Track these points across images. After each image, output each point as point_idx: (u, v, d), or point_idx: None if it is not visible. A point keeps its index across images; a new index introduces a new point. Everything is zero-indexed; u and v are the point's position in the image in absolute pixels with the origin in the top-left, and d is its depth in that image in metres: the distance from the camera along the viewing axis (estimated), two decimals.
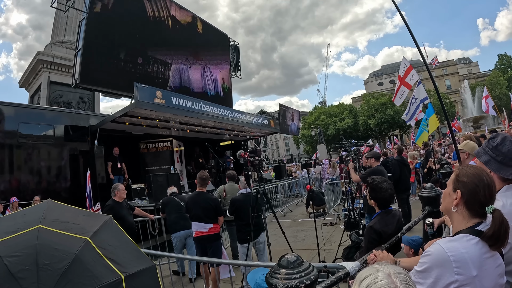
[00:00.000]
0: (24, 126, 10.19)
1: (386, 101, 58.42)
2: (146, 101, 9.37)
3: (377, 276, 1.11)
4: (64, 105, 16.59)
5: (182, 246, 7.01)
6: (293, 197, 18.85)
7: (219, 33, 20.64)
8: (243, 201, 6.03)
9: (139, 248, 1.72)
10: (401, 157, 9.02)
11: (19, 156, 10.17)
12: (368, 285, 1.09)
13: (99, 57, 11.86)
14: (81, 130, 11.33)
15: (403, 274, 1.13)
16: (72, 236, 1.43)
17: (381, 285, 1.07)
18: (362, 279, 1.13)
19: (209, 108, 12.05)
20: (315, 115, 65.09)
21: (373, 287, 1.08)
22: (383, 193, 3.29)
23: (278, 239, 7.61)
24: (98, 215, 1.80)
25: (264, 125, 16.44)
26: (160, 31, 14.97)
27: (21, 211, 1.70)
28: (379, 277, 1.11)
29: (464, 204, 1.68)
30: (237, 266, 6.11)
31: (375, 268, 1.16)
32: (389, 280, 1.09)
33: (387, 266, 1.16)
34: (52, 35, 19.73)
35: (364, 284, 1.11)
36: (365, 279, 1.12)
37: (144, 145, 14.05)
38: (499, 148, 2.04)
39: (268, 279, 1.52)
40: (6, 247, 1.35)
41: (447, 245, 1.59)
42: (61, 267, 1.30)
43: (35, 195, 9.31)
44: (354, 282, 1.17)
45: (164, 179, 10.09)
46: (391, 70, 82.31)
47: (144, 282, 1.52)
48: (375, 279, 1.10)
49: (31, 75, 18.51)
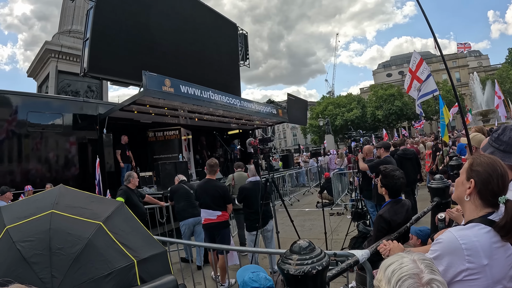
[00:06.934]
0: (33, 115, 10.22)
1: (395, 92, 58.08)
2: (154, 89, 9.34)
3: (402, 262, 1.15)
4: (72, 94, 16.59)
5: (191, 234, 7.08)
6: (300, 186, 18.87)
7: (227, 22, 20.50)
8: (251, 189, 6.05)
9: (151, 233, 1.73)
10: (403, 150, 8.97)
11: (29, 145, 10.21)
12: (393, 271, 1.13)
13: (107, 45, 11.81)
14: (90, 118, 11.36)
15: (427, 260, 1.16)
16: (85, 221, 1.44)
17: (407, 269, 1.11)
18: (387, 266, 1.17)
19: (217, 96, 12.01)
20: (323, 105, 64.85)
21: (399, 272, 1.11)
22: (395, 180, 3.29)
23: (285, 227, 7.63)
24: (110, 201, 1.81)
25: (272, 114, 16.33)
26: (169, 19, 14.90)
27: (33, 197, 1.71)
28: (404, 262, 1.14)
29: (477, 193, 1.67)
30: (244, 254, 6.14)
31: (400, 255, 1.19)
32: (414, 265, 1.12)
33: (411, 253, 1.20)
34: (60, 24, 19.74)
35: (389, 270, 1.14)
36: (390, 265, 1.15)
37: (152, 134, 14.05)
38: (501, 137, 2.09)
39: (280, 265, 1.53)
40: (19, 232, 1.35)
41: (459, 233, 1.59)
42: (74, 251, 1.30)
43: (45, 183, 9.37)
44: (379, 270, 1.20)
45: (172, 167, 10.12)
46: (400, 61, 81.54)
47: (155, 266, 1.53)
48: (400, 265, 1.13)
49: (39, 64, 18.54)
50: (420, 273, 1.09)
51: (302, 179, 19.76)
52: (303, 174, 19.88)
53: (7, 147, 9.78)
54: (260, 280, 2.05)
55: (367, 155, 7.52)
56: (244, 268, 2.30)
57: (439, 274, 1.13)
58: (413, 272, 1.09)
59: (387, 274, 1.13)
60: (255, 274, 2.10)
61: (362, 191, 7.70)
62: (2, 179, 9.31)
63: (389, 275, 1.13)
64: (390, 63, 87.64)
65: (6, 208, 1.58)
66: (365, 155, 7.50)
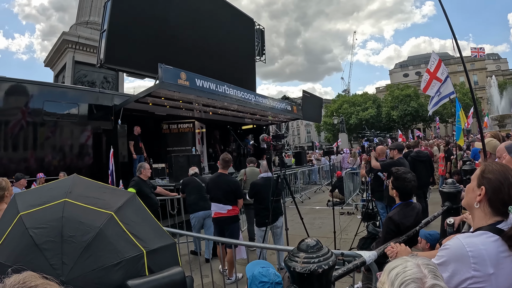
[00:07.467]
0: (49, 104, 10.36)
1: (411, 93, 57.37)
2: (170, 82, 9.39)
3: (406, 265, 1.15)
4: (88, 84, 16.81)
5: (200, 227, 7.12)
6: (312, 184, 18.82)
7: (245, 17, 20.45)
8: (263, 185, 6.07)
9: (161, 225, 1.75)
10: (416, 152, 8.90)
11: (44, 133, 10.35)
12: (397, 274, 1.13)
13: (124, 37, 11.90)
14: (105, 109, 11.46)
15: (431, 265, 1.17)
16: (97, 211, 1.46)
17: (410, 274, 1.11)
18: (391, 269, 1.18)
19: (232, 91, 12.03)
20: (338, 103, 64.38)
21: (403, 275, 1.12)
22: (407, 183, 3.28)
23: (295, 225, 7.64)
24: (123, 192, 1.82)
25: (287, 111, 16.30)
26: (186, 12, 14.95)
27: (47, 185, 1.73)
28: (408, 266, 1.15)
29: (487, 201, 1.66)
30: (253, 249, 6.16)
31: (404, 259, 1.20)
32: (418, 269, 1.13)
33: (415, 257, 1.20)
34: (77, 16, 19.99)
35: (393, 273, 1.15)
36: (394, 269, 1.16)
37: (167, 126, 14.15)
38: None
39: (287, 262, 1.54)
40: (32, 219, 1.38)
41: (466, 240, 1.59)
42: (85, 240, 1.32)
43: (59, 171, 9.53)
44: (383, 272, 1.21)
45: (185, 160, 10.18)
46: (418, 61, 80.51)
47: (164, 258, 1.54)
48: (404, 268, 1.14)
49: (56, 54, 18.81)
50: (424, 278, 1.10)
51: (314, 177, 19.72)
52: (315, 172, 19.83)
53: (23, 135, 9.93)
54: (269, 275, 2.07)
55: (380, 156, 7.48)
56: (254, 263, 2.32)
57: (442, 280, 1.13)
58: (417, 277, 1.10)
59: (391, 277, 1.14)
60: (265, 269, 2.12)
61: (374, 192, 7.66)
62: (17, 166, 9.49)
63: (392, 278, 1.14)
64: (407, 63, 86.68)
65: (20, 195, 1.60)
66: (377, 155, 7.45)
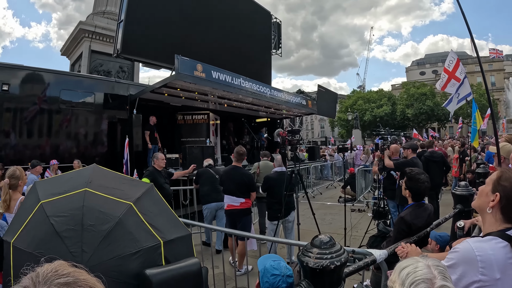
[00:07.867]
0: (66, 92, 10.52)
1: (427, 91, 56.49)
2: (186, 74, 9.41)
3: (417, 266, 1.19)
4: (104, 73, 16.96)
5: (212, 218, 7.18)
6: (324, 179, 18.80)
7: (262, 10, 20.35)
8: (276, 179, 6.10)
9: (177, 216, 1.78)
10: (430, 153, 8.83)
11: (60, 121, 10.52)
12: (408, 274, 1.17)
13: (141, 28, 11.97)
14: (121, 98, 11.59)
15: (441, 267, 1.20)
16: (116, 201, 1.50)
17: (421, 274, 1.15)
18: (402, 268, 1.22)
19: (248, 84, 12.01)
20: (353, 99, 63.96)
21: (413, 275, 1.16)
22: (420, 184, 3.28)
23: (306, 220, 7.66)
24: (141, 183, 1.87)
25: (302, 105, 16.20)
26: (203, 4, 14.96)
27: (67, 174, 1.77)
28: (419, 267, 1.18)
29: (500, 208, 1.67)
30: (264, 242, 6.19)
31: (415, 259, 1.23)
32: (428, 270, 1.16)
33: (426, 258, 1.24)
34: (94, 5, 20.16)
35: (404, 272, 1.19)
36: (405, 268, 1.20)
37: (181, 117, 14.20)
38: None
39: (300, 257, 1.57)
40: (53, 207, 1.42)
41: (475, 244, 1.61)
42: (105, 229, 1.36)
43: (74, 159, 9.67)
44: (394, 271, 1.24)
45: (199, 151, 10.28)
46: (435, 59, 79.27)
47: (180, 248, 1.59)
48: (415, 268, 1.18)
49: (73, 43, 18.97)
50: (433, 279, 1.13)
51: (326, 172, 19.68)
52: (328, 168, 19.81)
53: (39, 122, 10.12)
54: (280, 268, 2.10)
55: (393, 154, 7.44)
56: (265, 256, 2.35)
57: (451, 282, 1.17)
58: (427, 277, 1.14)
59: (402, 276, 1.18)
60: (276, 262, 2.16)
61: (386, 190, 7.63)
62: (33, 152, 9.66)
63: (403, 277, 1.17)
64: (424, 61, 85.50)
65: (40, 183, 1.65)
66: (391, 154, 7.41)
